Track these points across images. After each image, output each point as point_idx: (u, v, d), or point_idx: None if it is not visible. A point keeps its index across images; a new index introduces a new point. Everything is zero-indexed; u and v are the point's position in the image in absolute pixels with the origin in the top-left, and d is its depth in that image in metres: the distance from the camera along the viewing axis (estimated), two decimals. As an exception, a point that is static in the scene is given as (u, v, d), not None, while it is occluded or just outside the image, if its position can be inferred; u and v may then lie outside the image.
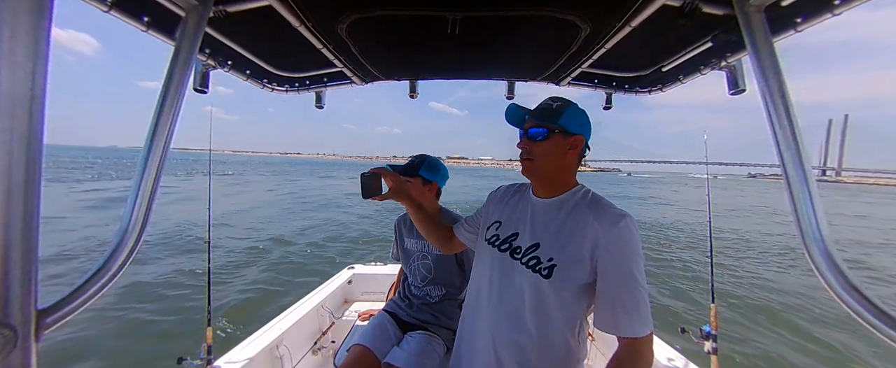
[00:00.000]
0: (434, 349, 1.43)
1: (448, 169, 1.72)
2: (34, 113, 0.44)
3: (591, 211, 0.85)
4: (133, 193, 0.65)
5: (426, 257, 1.61)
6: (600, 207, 0.86)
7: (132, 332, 3.86)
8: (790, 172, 0.69)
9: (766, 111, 0.73)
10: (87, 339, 3.58)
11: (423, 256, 1.62)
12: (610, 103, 1.72)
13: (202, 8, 0.80)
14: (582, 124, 0.90)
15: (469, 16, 1.05)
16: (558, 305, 0.86)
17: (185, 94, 0.74)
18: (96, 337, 3.64)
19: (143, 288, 4.91)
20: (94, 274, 0.57)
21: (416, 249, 1.64)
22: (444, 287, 1.58)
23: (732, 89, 1.18)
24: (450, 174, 1.71)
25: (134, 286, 4.91)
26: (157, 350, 3.50)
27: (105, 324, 3.88)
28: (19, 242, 0.43)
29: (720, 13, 0.90)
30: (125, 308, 4.31)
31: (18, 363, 0.44)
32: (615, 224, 0.81)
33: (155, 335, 3.82)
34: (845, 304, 0.60)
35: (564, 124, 0.88)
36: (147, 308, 4.38)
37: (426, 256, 1.61)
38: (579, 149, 0.91)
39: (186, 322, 4.06)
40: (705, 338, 1.76)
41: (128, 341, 3.67)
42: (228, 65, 1.34)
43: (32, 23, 0.43)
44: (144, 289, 4.89)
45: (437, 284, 1.59)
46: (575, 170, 0.94)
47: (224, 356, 1.51)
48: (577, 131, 0.89)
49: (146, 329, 3.93)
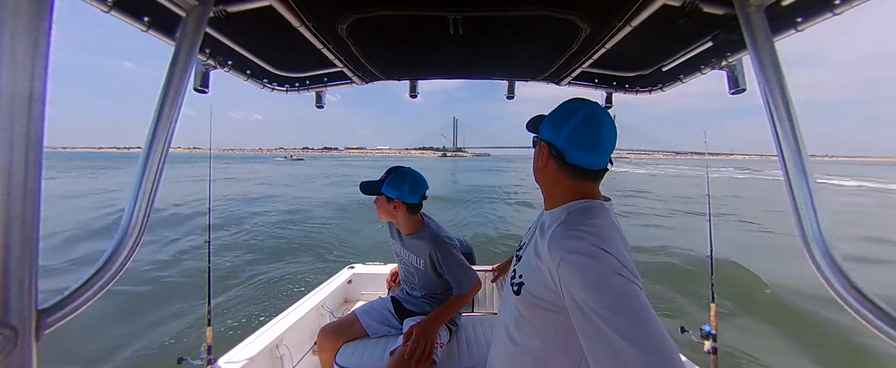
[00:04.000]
0: (440, 333, 1.48)
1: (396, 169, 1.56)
2: (34, 113, 0.44)
3: (552, 235, 0.72)
4: (133, 193, 0.65)
5: (415, 273, 1.65)
6: (558, 234, 0.71)
7: (132, 332, 3.86)
8: (790, 171, 0.69)
9: (767, 110, 0.73)
10: (86, 339, 3.58)
11: (412, 272, 1.67)
12: (610, 103, 1.72)
13: (202, 8, 0.80)
14: (550, 125, 0.80)
15: (469, 16, 1.04)
16: (535, 327, 0.76)
17: (185, 94, 0.74)
18: (96, 338, 3.64)
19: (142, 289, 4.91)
20: (94, 274, 0.57)
21: (404, 257, 1.67)
22: (427, 291, 1.64)
23: (733, 89, 1.18)
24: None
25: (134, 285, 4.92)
26: (157, 351, 3.50)
27: (105, 324, 3.88)
28: (19, 242, 0.43)
29: (720, 13, 0.90)
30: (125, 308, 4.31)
31: (18, 363, 0.44)
32: (559, 258, 0.66)
33: (155, 335, 3.82)
34: (846, 304, 0.59)
35: (541, 131, 0.83)
36: (147, 308, 4.39)
37: (410, 266, 1.65)
38: (548, 156, 0.80)
39: (186, 322, 4.06)
40: (705, 338, 1.76)
41: (128, 341, 3.67)
42: (228, 65, 1.34)
43: (32, 23, 0.43)
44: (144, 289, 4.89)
45: (421, 289, 1.65)
46: (566, 183, 0.80)
47: (224, 356, 1.51)
48: (544, 137, 0.81)
49: (146, 329, 3.93)
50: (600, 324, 0.58)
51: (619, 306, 0.58)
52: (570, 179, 0.79)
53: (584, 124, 0.76)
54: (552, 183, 0.83)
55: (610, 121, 0.77)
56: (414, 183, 1.52)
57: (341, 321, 1.62)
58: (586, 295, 0.61)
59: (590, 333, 0.61)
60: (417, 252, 1.56)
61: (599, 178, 0.81)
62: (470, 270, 1.56)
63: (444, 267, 1.50)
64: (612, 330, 0.57)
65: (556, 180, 0.81)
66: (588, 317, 0.60)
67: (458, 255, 1.53)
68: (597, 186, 0.81)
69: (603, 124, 0.76)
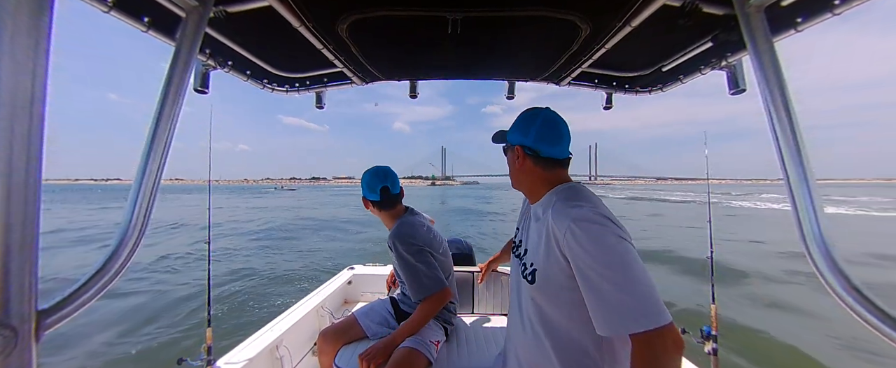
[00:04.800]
0: (433, 331, 1.49)
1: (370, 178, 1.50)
2: (34, 113, 0.44)
3: (553, 212, 0.82)
4: (133, 194, 0.65)
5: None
6: (559, 209, 0.82)
7: (132, 332, 3.85)
8: (791, 173, 0.68)
9: (767, 111, 0.73)
10: (86, 340, 3.58)
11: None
12: (610, 103, 1.71)
13: (202, 8, 0.80)
14: (516, 131, 0.96)
15: (469, 16, 1.04)
16: (553, 311, 0.83)
17: (185, 95, 0.74)
18: (96, 338, 3.64)
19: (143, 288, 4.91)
20: (94, 274, 0.57)
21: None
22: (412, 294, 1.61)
23: (732, 89, 1.18)
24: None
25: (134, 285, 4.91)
26: (157, 351, 3.50)
27: (105, 324, 3.88)
28: (19, 242, 0.43)
29: (720, 13, 0.90)
30: (125, 308, 4.30)
31: (18, 363, 0.44)
32: (566, 226, 0.76)
33: (155, 335, 3.82)
34: (846, 305, 0.59)
35: (510, 139, 0.98)
36: (147, 308, 4.38)
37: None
38: (523, 156, 0.94)
39: (187, 322, 4.06)
40: (706, 339, 1.76)
41: (128, 341, 3.67)
42: (229, 65, 1.34)
43: (32, 23, 0.43)
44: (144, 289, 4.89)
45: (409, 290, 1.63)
46: (543, 175, 0.93)
47: (224, 356, 1.51)
48: (514, 141, 0.97)
49: (146, 330, 3.93)
50: (597, 279, 0.71)
51: (615, 263, 0.70)
52: (545, 171, 0.93)
53: (546, 125, 0.93)
54: (532, 178, 0.95)
55: (562, 120, 0.95)
56: (371, 179, 1.54)
57: (341, 323, 1.62)
58: (590, 256, 0.72)
59: (589, 287, 0.72)
60: (390, 250, 1.53)
61: (566, 166, 0.95)
62: (424, 276, 1.44)
63: (398, 266, 1.48)
64: (605, 281, 0.70)
65: (534, 175, 0.94)
66: (588, 276, 0.72)
67: (410, 257, 1.44)
68: (567, 172, 0.96)
69: (559, 122, 0.94)
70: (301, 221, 16.26)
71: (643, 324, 0.67)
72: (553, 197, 0.89)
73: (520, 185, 1.00)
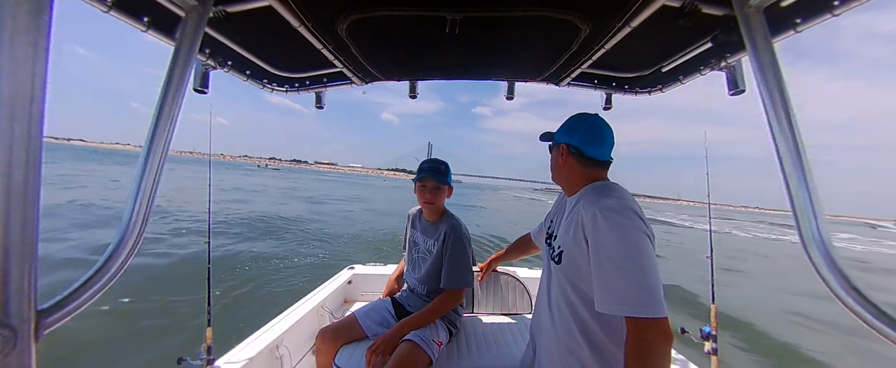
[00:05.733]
0: (437, 331, 1.50)
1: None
2: (34, 113, 0.44)
3: (584, 202, 0.91)
4: (133, 193, 0.65)
5: (427, 257, 1.65)
6: (590, 198, 0.91)
7: (132, 332, 3.85)
8: (789, 173, 0.68)
9: (766, 111, 0.73)
10: (86, 339, 3.57)
11: (424, 257, 1.67)
12: (610, 104, 1.71)
13: (202, 8, 0.80)
14: (564, 132, 1.05)
15: (469, 16, 1.04)
16: (574, 291, 0.91)
17: (185, 95, 0.74)
18: (96, 338, 3.64)
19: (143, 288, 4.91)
20: (94, 273, 0.57)
21: (422, 244, 1.70)
22: (428, 286, 1.65)
23: (732, 89, 1.18)
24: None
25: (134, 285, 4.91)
26: (157, 351, 3.49)
27: (105, 324, 3.88)
28: (19, 242, 0.43)
29: (720, 13, 0.90)
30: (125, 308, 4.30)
31: (18, 363, 0.44)
32: (593, 212, 0.85)
33: (155, 335, 3.82)
34: (845, 305, 0.59)
35: (557, 138, 1.08)
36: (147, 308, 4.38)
37: (427, 257, 1.65)
38: (567, 154, 1.03)
39: (186, 322, 4.06)
40: (705, 339, 1.76)
41: (128, 341, 3.67)
42: (228, 65, 1.35)
43: (32, 23, 0.43)
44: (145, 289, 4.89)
45: (425, 283, 1.66)
46: (582, 172, 1.02)
47: (224, 356, 1.51)
48: (561, 140, 1.06)
49: (146, 330, 3.92)
50: (607, 261, 0.79)
51: (629, 252, 0.77)
52: (585, 168, 1.02)
53: (592, 128, 1.02)
54: (572, 174, 1.04)
55: (608, 126, 1.03)
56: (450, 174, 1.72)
57: (341, 323, 1.62)
58: (607, 241, 0.80)
59: (598, 265, 0.81)
60: (436, 234, 1.62)
61: (606, 168, 1.03)
62: (468, 271, 1.57)
63: (449, 251, 1.55)
64: (614, 264, 0.78)
65: (574, 172, 1.03)
66: (599, 256, 0.81)
67: (466, 251, 1.57)
68: (606, 173, 1.03)
69: (604, 127, 1.03)
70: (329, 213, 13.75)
71: (641, 312, 0.75)
72: (588, 190, 0.98)
73: (560, 180, 1.09)
